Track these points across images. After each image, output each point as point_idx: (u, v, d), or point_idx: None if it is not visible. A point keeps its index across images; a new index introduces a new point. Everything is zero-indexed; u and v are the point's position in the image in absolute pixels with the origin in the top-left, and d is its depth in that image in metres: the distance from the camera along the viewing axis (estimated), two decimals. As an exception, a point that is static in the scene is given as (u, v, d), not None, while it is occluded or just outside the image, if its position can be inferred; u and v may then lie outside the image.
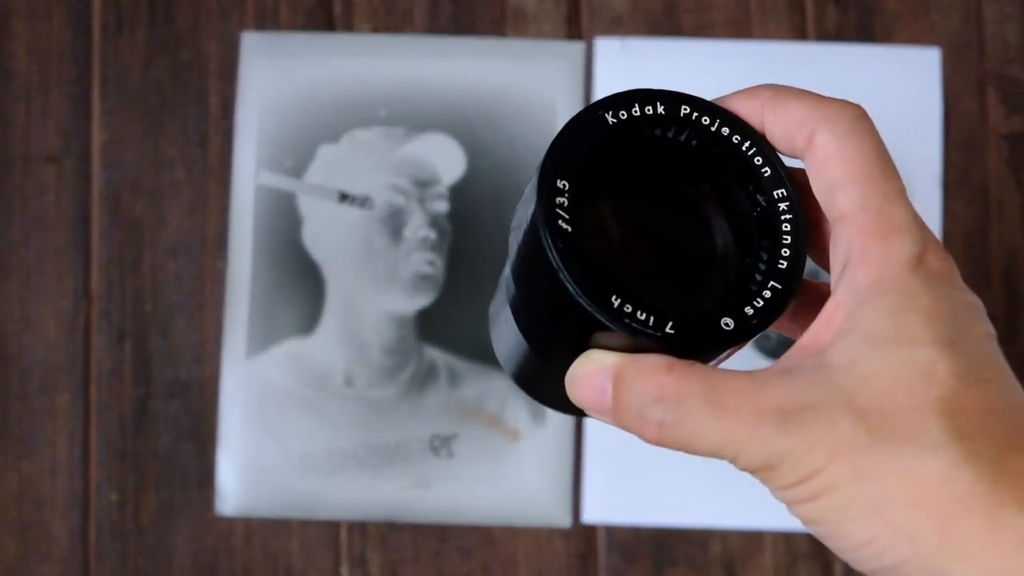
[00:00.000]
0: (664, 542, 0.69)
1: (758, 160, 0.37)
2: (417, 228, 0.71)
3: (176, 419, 0.70)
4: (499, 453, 0.69)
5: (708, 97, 0.39)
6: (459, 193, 0.71)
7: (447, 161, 0.71)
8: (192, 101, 0.72)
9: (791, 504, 0.34)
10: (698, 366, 0.35)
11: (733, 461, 0.34)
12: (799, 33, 0.71)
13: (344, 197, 0.71)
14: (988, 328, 0.35)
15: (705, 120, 0.38)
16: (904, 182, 0.37)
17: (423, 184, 0.71)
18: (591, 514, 0.69)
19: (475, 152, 0.71)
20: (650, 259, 0.39)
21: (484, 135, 0.71)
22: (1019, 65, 0.71)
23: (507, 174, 0.71)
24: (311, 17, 0.72)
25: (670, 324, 0.35)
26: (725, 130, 0.38)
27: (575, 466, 0.69)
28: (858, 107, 0.37)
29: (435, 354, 0.70)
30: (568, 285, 0.35)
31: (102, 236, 0.71)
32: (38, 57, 0.72)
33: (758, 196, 0.38)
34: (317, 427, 0.70)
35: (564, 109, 0.71)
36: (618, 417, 0.36)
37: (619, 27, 0.72)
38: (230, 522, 0.70)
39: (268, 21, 0.72)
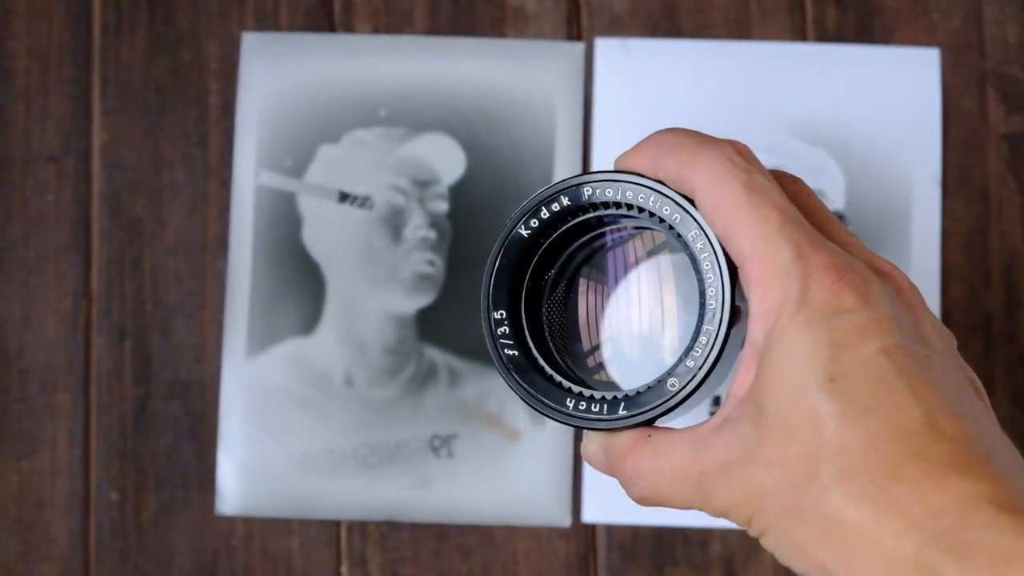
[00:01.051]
0: (664, 542, 0.69)
1: (666, 210, 0.39)
2: (417, 228, 0.71)
3: (176, 419, 0.70)
4: (499, 453, 0.69)
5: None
6: (459, 193, 0.71)
7: (447, 161, 0.71)
8: (192, 101, 0.72)
9: (758, 538, 0.37)
10: (652, 440, 0.38)
11: (703, 512, 0.38)
12: (799, 33, 0.71)
13: (344, 197, 0.71)
14: (880, 343, 0.35)
15: (609, 192, 0.40)
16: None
17: (423, 184, 0.71)
18: (591, 514, 0.69)
19: (475, 152, 0.71)
20: (607, 342, 0.43)
21: (484, 135, 0.71)
22: (1019, 65, 0.71)
23: (507, 174, 0.71)
24: (311, 17, 0.72)
25: (622, 406, 0.39)
26: (629, 194, 0.39)
27: (575, 466, 0.69)
28: (728, 148, 0.37)
29: (435, 354, 0.70)
30: (528, 404, 0.40)
31: (102, 236, 0.71)
32: (38, 57, 0.72)
33: (678, 240, 0.39)
34: (317, 427, 0.70)
35: (564, 109, 0.71)
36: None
37: (619, 27, 0.72)
38: (230, 522, 0.70)
39: (268, 21, 0.72)
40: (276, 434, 0.70)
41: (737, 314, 0.38)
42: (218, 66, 0.72)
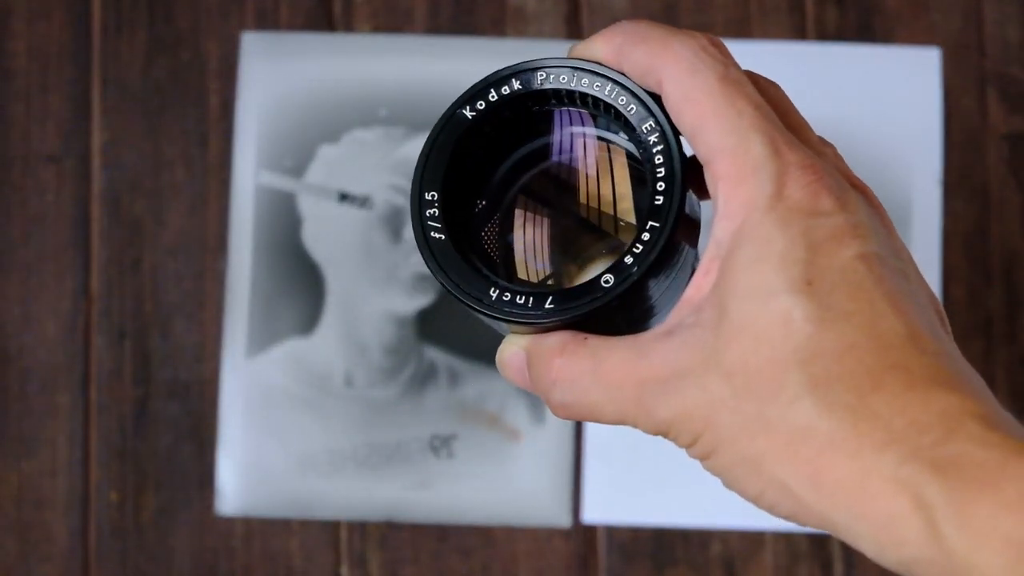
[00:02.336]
0: (664, 542, 0.69)
1: (622, 100, 0.36)
2: (417, 228, 0.71)
3: (176, 419, 0.70)
4: (499, 453, 0.69)
5: None
6: (459, 193, 0.71)
7: (447, 161, 0.71)
8: (192, 101, 0.72)
9: (698, 461, 0.34)
10: (589, 341, 0.35)
11: (635, 428, 0.35)
12: (799, 33, 0.71)
13: (344, 197, 0.71)
14: (858, 249, 0.32)
15: (563, 79, 0.37)
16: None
17: (423, 184, 0.71)
18: (591, 514, 0.69)
19: (475, 152, 0.71)
20: (540, 235, 0.39)
21: (484, 135, 0.71)
22: (1019, 65, 0.71)
23: (507, 174, 0.71)
24: (311, 17, 0.72)
25: (549, 299, 0.35)
26: (585, 81, 0.37)
27: (575, 466, 0.69)
28: (701, 39, 0.35)
29: (435, 354, 0.70)
30: (447, 288, 0.36)
31: (102, 236, 0.71)
32: (38, 57, 0.72)
33: (633, 134, 0.37)
34: (317, 427, 0.70)
35: (564, 109, 0.71)
36: (537, 394, 0.37)
37: (619, 27, 0.72)
38: (230, 522, 0.70)
39: (268, 21, 0.72)
40: (276, 434, 0.70)
41: (688, 220, 0.35)
42: (218, 66, 0.72)
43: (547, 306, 0.35)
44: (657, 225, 0.34)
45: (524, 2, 0.72)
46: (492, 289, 0.36)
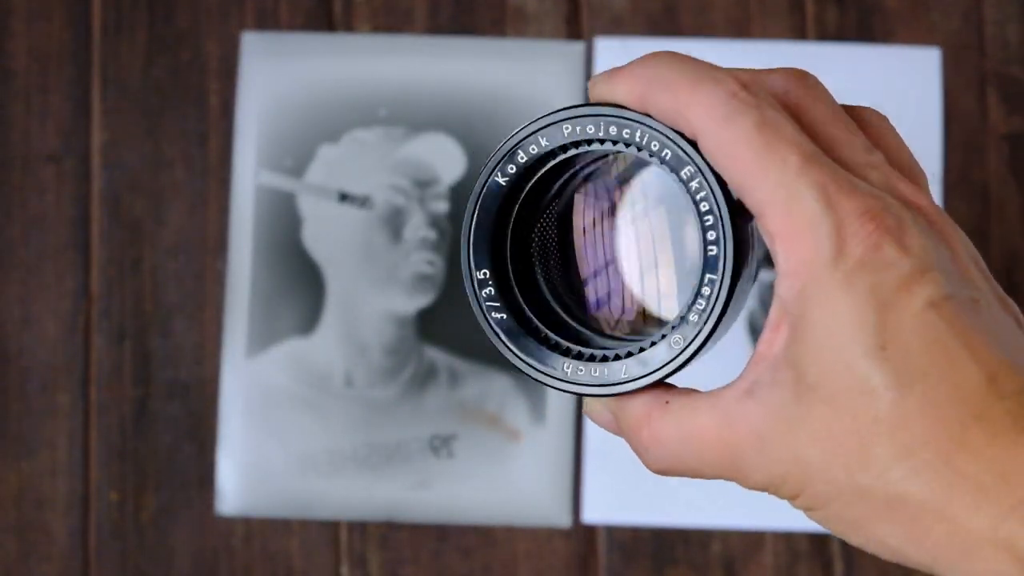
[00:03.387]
0: (664, 542, 0.69)
1: (655, 145, 0.35)
2: (417, 228, 0.71)
3: (176, 419, 0.70)
4: (499, 453, 0.69)
5: None
6: (459, 193, 0.71)
7: (447, 161, 0.71)
8: (192, 101, 0.72)
9: (802, 511, 0.35)
10: (671, 406, 0.35)
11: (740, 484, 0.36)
12: (799, 33, 0.71)
13: (344, 197, 0.71)
14: (926, 296, 0.32)
15: (590, 129, 0.36)
16: None
17: (423, 184, 0.71)
18: (591, 514, 0.69)
19: (475, 152, 0.71)
20: (603, 298, 0.39)
21: (484, 135, 0.71)
22: (1019, 65, 0.71)
23: (507, 174, 0.71)
24: (311, 17, 0.72)
25: (624, 369, 0.35)
26: (612, 130, 0.36)
27: (575, 466, 0.69)
28: (731, 82, 0.33)
29: (435, 354, 0.70)
30: (522, 369, 0.37)
31: (102, 236, 0.71)
32: (38, 57, 0.72)
33: (674, 176, 0.35)
34: (317, 427, 0.70)
35: (564, 109, 0.71)
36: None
37: (619, 27, 0.72)
38: (230, 522, 0.70)
39: (268, 21, 0.72)
40: (276, 434, 0.70)
41: (744, 255, 0.35)
42: (218, 66, 0.72)
43: (623, 375, 0.35)
44: (715, 277, 0.34)
45: (524, 2, 0.72)
46: (565, 364, 0.36)
